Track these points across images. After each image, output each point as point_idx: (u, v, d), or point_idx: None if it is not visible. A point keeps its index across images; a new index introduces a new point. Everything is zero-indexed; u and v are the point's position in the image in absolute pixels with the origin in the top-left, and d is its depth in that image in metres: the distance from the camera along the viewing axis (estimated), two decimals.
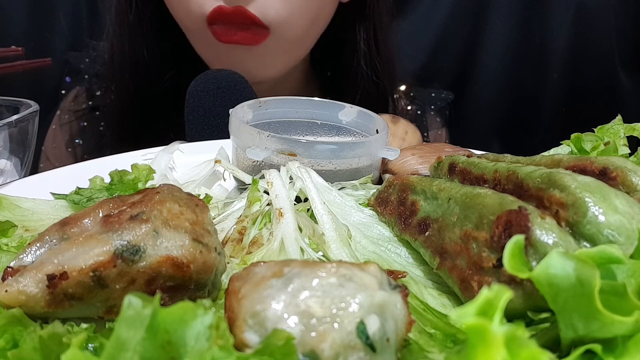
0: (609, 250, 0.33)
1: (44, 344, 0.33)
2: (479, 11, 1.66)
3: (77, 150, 1.33)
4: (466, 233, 0.44)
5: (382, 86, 1.27)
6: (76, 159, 1.32)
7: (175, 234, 0.41)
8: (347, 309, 0.31)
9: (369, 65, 1.23)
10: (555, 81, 1.66)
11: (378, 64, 1.24)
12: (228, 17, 1.01)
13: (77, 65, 1.40)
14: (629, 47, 1.63)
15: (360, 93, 1.24)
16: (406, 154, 0.72)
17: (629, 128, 0.64)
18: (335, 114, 0.80)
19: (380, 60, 1.25)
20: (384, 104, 1.31)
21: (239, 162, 0.73)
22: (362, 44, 1.22)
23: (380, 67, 1.25)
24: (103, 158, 0.75)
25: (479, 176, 0.52)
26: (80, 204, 0.60)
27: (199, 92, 0.91)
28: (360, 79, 1.24)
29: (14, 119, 0.69)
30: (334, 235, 0.55)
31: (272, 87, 1.20)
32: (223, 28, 1.03)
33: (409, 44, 1.60)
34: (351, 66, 1.24)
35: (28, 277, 0.39)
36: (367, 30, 1.22)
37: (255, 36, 1.03)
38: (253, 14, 1.00)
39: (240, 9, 1.00)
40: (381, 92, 1.28)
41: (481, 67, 1.71)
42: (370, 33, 1.22)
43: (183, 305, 0.28)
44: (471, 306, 0.28)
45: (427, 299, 0.47)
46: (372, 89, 1.25)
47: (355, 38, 1.22)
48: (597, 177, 0.43)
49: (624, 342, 0.30)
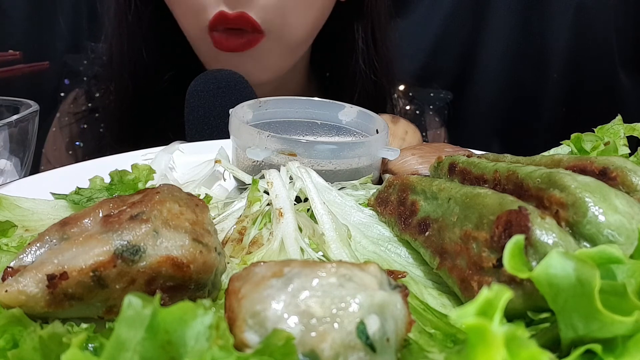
0: (609, 250, 0.33)
1: (44, 344, 0.33)
2: (479, 11, 1.67)
3: (77, 153, 1.33)
4: (466, 233, 0.44)
5: (380, 85, 1.27)
6: (77, 161, 1.32)
7: (175, 234, 0.41)
8: (347, 309, 0.31)
9: (367, 64, 1.23)
10: (555, 81, 1.66)
11: (376, 62, 1.24)
12: (230, 22, 1.01)
13: (76, 68, 1.40)
14: (629, 47, 1.63)
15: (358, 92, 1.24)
16: (406, 154, 0.72)
17: (629, 128, 0.64)
18: (335, 114, 0.80)
19: (379, 58, 1.25)
20: (382, 102, 1.31)
21: (239, 162, 0.73)
22: (360, 43, 1.22)
23: (379, 65, 1.25)
24: (103, 158, 0.75)
25: (479, 176, 0.52)
26: (80, 204, 0.60)
27: (199, 92, 0.91)
28: (358, 77, 1.24)
29: (14, 119, 0.69)
30: (334, 235, 0.55)
31: (272, 89, 1.20)
32: (222, 35, 1.03)
33: (409, 44, 1.60)
34: (349, 65, 1.24)
35: (28, 277, 0.39)
36: (365, 28, 1.22)
37: (250, 41, 1.04)
38: (254, 20, 1.01)
39: (242, 14, 1.00)
40: (379, 90, 1.28)
41: (481, 67, 1.71)
42: (368, 31, 1.22)
43: (183, 305, 0.28)
44: (471, 306, 0.28)
45: (427, 299, 0.47)
46: (370, 87, 1.25)
47: (354, 37, 1.22)
48: (597, 177, 0.43)
49: (624, 342, 0.30)
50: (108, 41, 1.25)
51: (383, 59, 1.26)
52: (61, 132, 1.34)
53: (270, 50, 1.07)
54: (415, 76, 1.55)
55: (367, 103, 1.00)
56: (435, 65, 1.70)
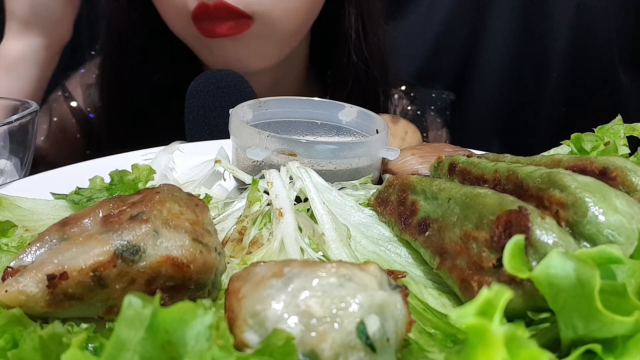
0: (609, 250, 0.33)
1: (44, 344, 0.33)
2: (479, 11, 1.67)
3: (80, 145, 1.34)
4: (466, 233, 0.44)
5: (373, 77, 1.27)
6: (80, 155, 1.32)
7: (175, 234, 0.41)
8: (347, 309, 0.31)
9: (359, 55, 1.23)
10: (555, 81, 1.66)
11: (367, 52, 1.24)
12: (211, 12, 1.02)
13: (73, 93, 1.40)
14: (629, 47, 1.63)
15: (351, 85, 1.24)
16: (406, 154, 0.72)
17: (629, 128, 0.64)
18: (335, 114, 0.80)
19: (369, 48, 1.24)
20: (375, 97, 1.31)
21: (239, 162, 0.73)
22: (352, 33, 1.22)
23: (369, 55, 1.24)
24: (103, 158, 0.75)
25: (479, 176, 0.52)
26: (80, 204, 0.60)
27: (199, 92, 0.91)
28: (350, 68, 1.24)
29: (14, 119, 0.69)
30: (334, 235, 0.55)
31: (271, 84, 1.20)
32: (207, 24, 1.04)
33: (409, 44, 1.60)
34: (342, 56, 1.25)
35: (28, 277, 0.39)
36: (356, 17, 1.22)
37: (238, 26, 1.04)
38: (235, 6, 1.02)
39: (222, 3, 1.01)
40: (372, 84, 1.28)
41: (481, 67, 1.71)
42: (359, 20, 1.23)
43: (183, 305, 0.28)
44: (471, 306, 0.28)
45: (427, 299, 0.47)
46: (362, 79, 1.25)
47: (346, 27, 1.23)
48: (597, 177, 0.43)
49: (624, 342, 0.30)
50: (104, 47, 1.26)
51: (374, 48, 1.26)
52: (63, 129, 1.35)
53: (261, 36, 1.08)
54: (415, 76, 1.55)
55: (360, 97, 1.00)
56: (435, 65, 1.70)
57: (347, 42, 1.23)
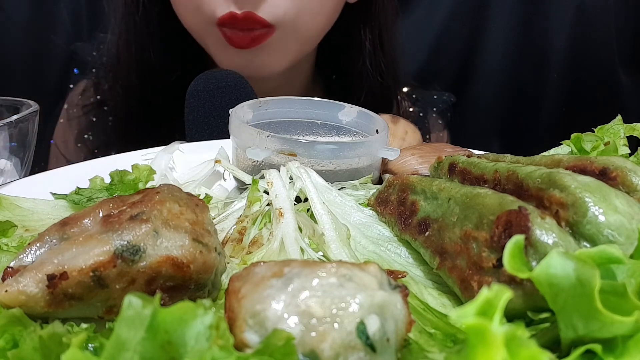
0: (609, 250, 0.33)
1: (44, 344, 0.33)
2: (478, 11, 1.67)
3: (87, 145, 1.34)
4: (466, 233, 0.44)
5: (387, 86, 1.28)
6: (87, 153, 1.32)
7: (175, 234, 0.41)
8: (347, 309, 0.31)
9: (374, 65, 1.24)
10: (555, 81, 1.66)
11: (383, 64, 1.25)
12: (239, 22, 1.03)
13: (84, 57, 1.40)
14: (629, 47, 1.63)
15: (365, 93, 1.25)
16: (406, 154, 0.72)
17: (629, 128, 0.64)
18: (335, 114, 0.80)
19: (386, 60, 1.26)
20: (387, 104, 1.32)
21: (239, 162, 0.73)
22: (367, 44, 1.23)
23: (385, 67, 1.26)
24: (103, 158, 0.75)
25: (479, 176, 0.52)
26: (80, 204, 0.60)
27: (199, 92, 0.91)
28: (365, 79, 1.25)
29: (14, 119, 0.69)
30: (334, 235, 0.55)
31: (275, 87, 1.20)
32: (233, 32, 1.04)
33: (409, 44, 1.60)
34: (356, 66, 1.25)
35: (28, 277, 0.39)
36: (372, 30, 1.23)
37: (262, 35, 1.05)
38: (261, 18, 1.02)
39: (250, 14, 1.01)
40: (385, 92, 1.29)
41: (481, 67, 1.71)
42: (375, 33, 1.23)
43: (183, 305, 0.28)
44: (471, 306, 0.28)
45: (427, 299, 0.47)
46: (376, 89, 1.26)
47: (361, 38, 1.23)
48: (597, 177, 0.43)
49: (624, 342, 0.30)
50: (115, 41, 1.25)
51: (389, 60, 1.27)
52: (70, 125, 1.34)
53: (282, 42, 1.08)
54: (415, 76, 1.55)
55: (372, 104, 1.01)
56: (436, 65, 1.70)
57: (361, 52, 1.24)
